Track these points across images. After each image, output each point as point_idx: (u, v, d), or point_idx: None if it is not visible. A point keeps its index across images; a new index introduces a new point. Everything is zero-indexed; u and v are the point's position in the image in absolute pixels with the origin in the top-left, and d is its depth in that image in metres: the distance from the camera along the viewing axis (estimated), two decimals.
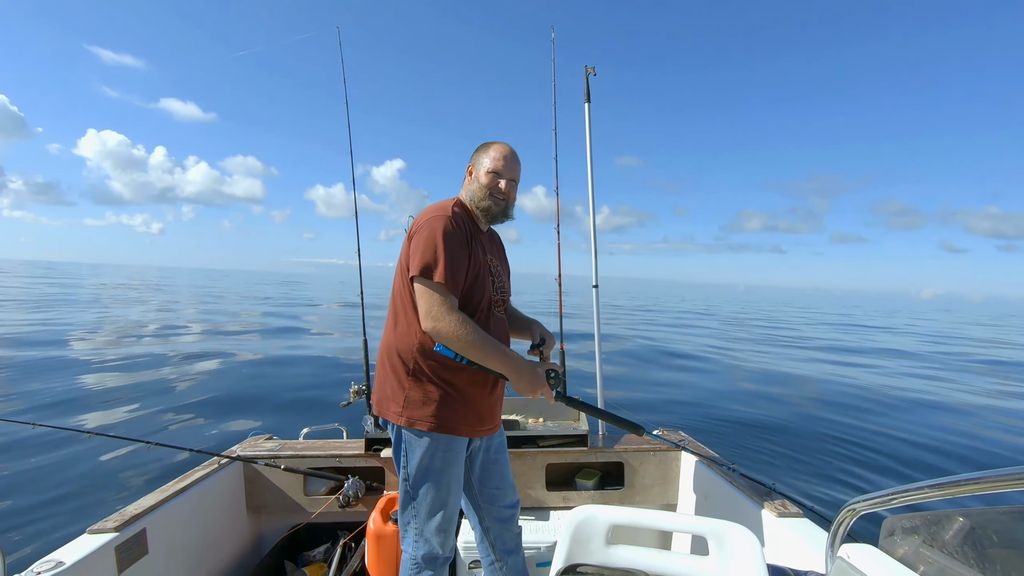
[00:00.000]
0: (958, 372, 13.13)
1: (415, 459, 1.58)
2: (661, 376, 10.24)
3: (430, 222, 1.53)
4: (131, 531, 1.74)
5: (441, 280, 1.46)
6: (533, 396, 1.57)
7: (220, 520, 2.26)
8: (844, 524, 1.02)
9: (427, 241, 1.50)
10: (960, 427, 7.17)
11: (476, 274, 1.59)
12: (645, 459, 2.55)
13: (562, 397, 1.65)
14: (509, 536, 1.83)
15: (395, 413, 1.58)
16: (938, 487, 0.81)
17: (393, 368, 1.60)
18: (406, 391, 1.57)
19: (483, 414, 1.66)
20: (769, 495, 2.02)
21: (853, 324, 32.17)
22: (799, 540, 1.75)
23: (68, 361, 9.33)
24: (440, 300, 1.46)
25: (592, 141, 2.92)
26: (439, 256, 1.48)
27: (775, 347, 16.82)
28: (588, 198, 2.97)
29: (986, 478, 0.73)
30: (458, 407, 1.59)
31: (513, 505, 1.83)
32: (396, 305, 1.63)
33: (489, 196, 1.65)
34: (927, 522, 0.97)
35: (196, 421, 6.11)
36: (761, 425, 6.68)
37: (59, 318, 16.41)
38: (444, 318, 1.45)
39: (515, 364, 1.53)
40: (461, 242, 1.55)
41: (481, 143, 1.73)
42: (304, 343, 12.91)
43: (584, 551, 1.54)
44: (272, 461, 2.38)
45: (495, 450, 1.80)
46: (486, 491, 1.79)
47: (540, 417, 2.72)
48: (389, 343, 1.63)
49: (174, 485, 2.07)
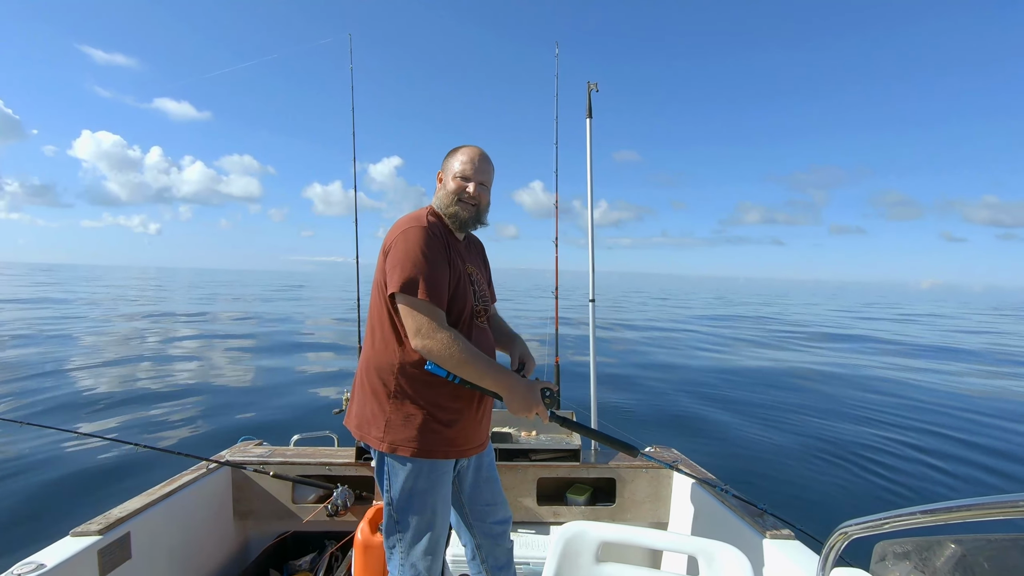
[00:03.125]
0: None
1: (398, 483, 1.53)
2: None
3: (405, 234, 1.47)
4: (115, 535, 1.71)
5: (425, 296, 1.41)
6: (528, 416, 1.52)
7: (206, 526, 2.23)
8: (835, 548, 1.01)
9: (404, 255, 1.44)
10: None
11: (456, 285, 1.54)
12: (637, 475, 2.54)
13: (556, 417, 1.60)
14: (501, 551, 1.80)
15: (376, 438, 1.52)
16: (930, 513, 0.80)
17: (373, 390, 1.54)
18: (387, 414, 1.51)
19: (469, 434, 1.61)
20: (761, 516, 2.01)
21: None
22: (790, 562, 1.74)
23: (58, 360, 9.27)
24: (427, 318, 1.41)
25: (593, 152, 2.92)
26: (418, 270, 1.42)
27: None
28: (587, 194, 2.94)
29: (979, 505, 0.73)
30: (442, 429, 1.53)
31: (505, 521, 1.80)
32: (373, 323, 1.57)
33: (457, 202, 1.58)
34: (919, 548, 0.97)
35: (185, 424, 6.05)
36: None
37: (51, 317, 16.33)
38: (434, 335, 1.40)
39: (509, 382, 1.49)
40: (439, 253, 1.49)
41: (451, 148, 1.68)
42: (300, 346, 12.84)
43: (573, 567, 1.52)
44: (261, 467, 2.36)
45: (486, 468, 1.76)
46: (476, 508, 1.75)
47: (533, 430, 2.70)
48: (368, 363, 1.57)
49: (160, 489, 2.04)
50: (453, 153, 1.65)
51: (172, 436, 5.60)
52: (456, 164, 1.61)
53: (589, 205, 2.96)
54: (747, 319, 24.94)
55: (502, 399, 1.52)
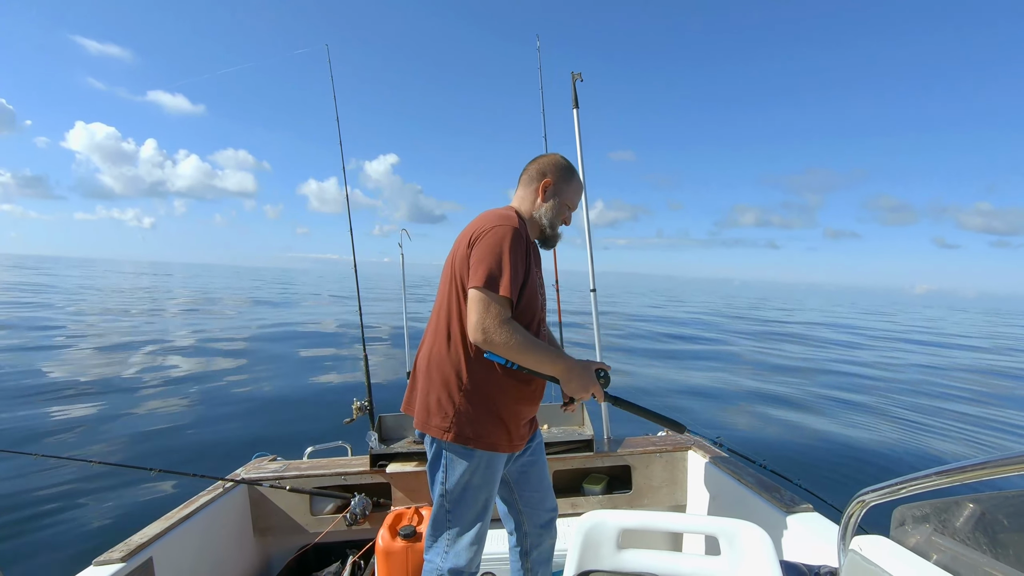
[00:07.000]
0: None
1: (455, 475, 1.54)
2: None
3: (496, 231, 1.48)
4: (137, 560, 1.72)
5: (506, 293, 1.42)
6: (584, 397, 1.54)
7: (227, 545, 2.24)
8: (854, 516, 1.01)
9: (493, 250, 1.45)
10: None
11: (532, 289, 1.57)
12: (652, 461, 2.54)
13: (610, 397, 1.61)
14: (547, 544, 1.81)
15: (440, 428, 1.52)
16: (945, 474, 0.81)
17: (444, 381, 1.54)
18: (456, 405, 1.52)
19: (525, 430, 1.66)
20: (778, 491, 2.01)
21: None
22: (810, 535, 1.74)
23: (55, 383, 9.24)
24: (497, 311, 1.42)
25: (585, 142, 2.92)
26: (504, 267, 1.44)
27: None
28: (582, 199, 2.97)
29: (993, 462, 0.73)
30: (508, 424, 1.56)
31: (552, 509, 1.81)
32: (449, 314, 1.56)
33: (559, 225, 1.68)
34: (937, 510, 0.97)
35: (197, 444, 6.06)
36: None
37: (45, 316, 16.24)
38: (499, 329, 1.41)
39: (566, 365, 1.50)
40: (523, 255, 1.51)
41: (562, 161, 1.69)
42: (305, 356, 12.83)
43: (595, 557, 1.53)
44: (277, 482, 2.36)
45: (532, 451, 1.78)
46: (525, 494, 1.77)
47: (545, 424, 2.71)
48: (440, 356, 1.56)
49: (179, 512, 2.05)
50: (571, 176, 1.69)
51: (185, 457, 5.61)
52: (572, 193, 1.69)
53: (583, 196, 2.95)
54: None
55: (559, 382, 1.53)
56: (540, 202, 1.65)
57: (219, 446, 6.00)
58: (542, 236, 1.69)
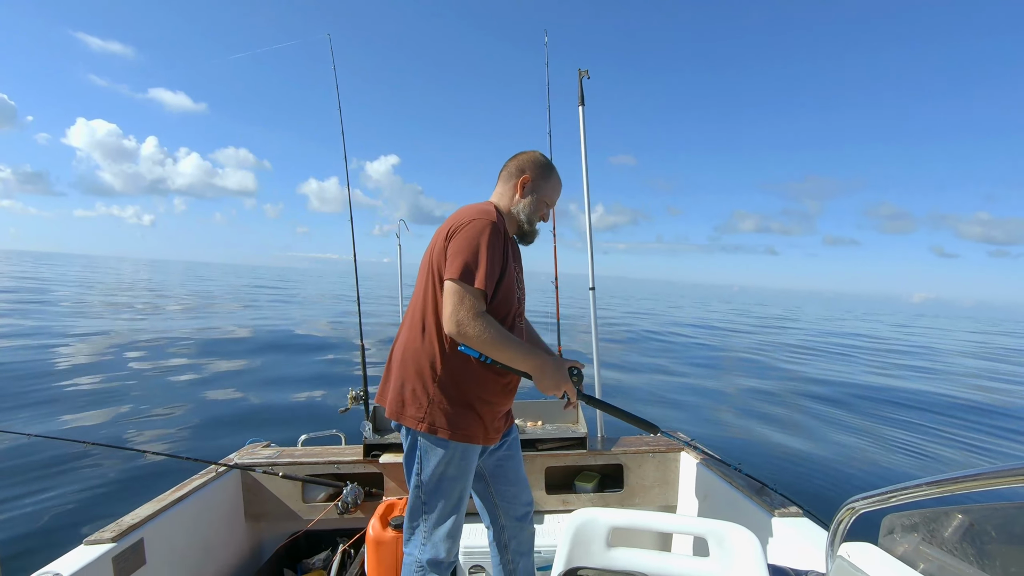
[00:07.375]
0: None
1: (430, 466, 1.55)
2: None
3: (474, 224, 1.49)
4: (128, 541, 1.72)
5: (481, 286, 1.43)
6: (556, 394, 1.54)
7: (218, 529, 2.25)
8: (843, 523, 1.02)
9: (470, 243, 1.46)
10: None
11: (509, 283, 1.58)
12: (644, 460, 2.55)
13: (583, 396, 1.62)
14: (525, 537, 1.83)
15: (414, 418, 1.53)
16: (936, 484, 0.81)
17: (419, 372, 1.55)
18: (430, 396, 1.53)
19: (500, 423, 1.67)
20: (768, 495, 2.02)
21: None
22: (799, 539, 1.75)
23: (52, 365, 9.24)
24: (472, 304, 1.43)
25: (587, 144, 2.93)
26: (480, 260, 1.45)
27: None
28: (583, 197, 2.97)
29: (983, 475, 0.73)
30: (482, 415, 1.57)
31: (528, 503, 1.83)
32: (424, 306, 1.57)
33: (537, 221, 1.69)
34: (926, 519, 0.98)
35: (192, 428, 6.07)
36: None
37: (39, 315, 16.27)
38: (472, 322, 1.42)
39: (539, 361, 1.50)
40: (500, 250, 1.52)
41: (540, 158, 1.70)
42: (300, 346, 12.84)
43: (585, 554, 1.53)
44: (270, 468, 2.37)
45: (508, 445, 1.79)
46: (501, 488, 1.78)
47: (539, 420, 2.71)
48: (415, 347, 1.57)
49: (172, 494, 2.05)
50: (549, 173, 1.70)
51: (179, 441, 5.62)
52: (551, 189, 1.70)
53: (585, 194, 2.95)
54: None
55: (532, 378, 1.53)
56: (518, 198, 1.66)
57: (212, 430, 6.01)
58: (520, 231, 1.70)
